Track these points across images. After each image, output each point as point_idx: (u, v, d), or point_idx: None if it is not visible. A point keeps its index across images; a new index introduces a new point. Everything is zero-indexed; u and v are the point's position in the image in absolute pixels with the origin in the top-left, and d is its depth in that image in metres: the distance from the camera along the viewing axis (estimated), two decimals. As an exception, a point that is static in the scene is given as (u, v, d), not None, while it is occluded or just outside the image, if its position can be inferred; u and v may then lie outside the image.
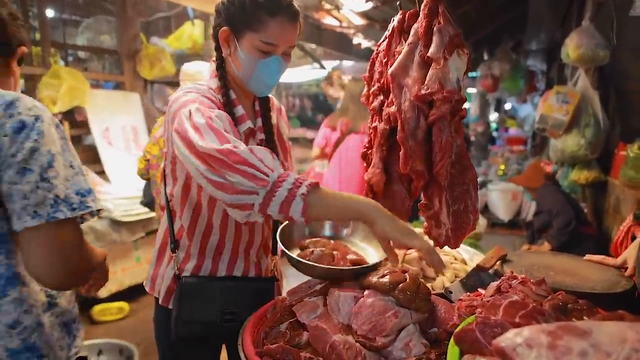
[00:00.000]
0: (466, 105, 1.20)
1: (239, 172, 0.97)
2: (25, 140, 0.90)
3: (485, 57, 8.34)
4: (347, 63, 7.91)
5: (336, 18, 4.85)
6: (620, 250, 1.90)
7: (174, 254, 1.33)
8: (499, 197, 5.69)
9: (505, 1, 5.50)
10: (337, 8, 4.43)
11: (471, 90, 11.12)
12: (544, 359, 0.58)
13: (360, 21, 4.82)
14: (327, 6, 4.37)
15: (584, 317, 0.83)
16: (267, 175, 0.99)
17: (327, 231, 1.39)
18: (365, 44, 6.26)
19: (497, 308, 0.79)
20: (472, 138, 9.28)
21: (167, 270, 1.37)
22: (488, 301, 1.01)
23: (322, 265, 1.12)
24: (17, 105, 0.92)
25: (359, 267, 1.14)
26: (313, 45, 6.24)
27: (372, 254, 1.30)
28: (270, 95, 1.42)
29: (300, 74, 7.87)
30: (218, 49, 1.30)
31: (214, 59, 1.32)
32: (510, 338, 0.62)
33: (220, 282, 1.32)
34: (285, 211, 0.99)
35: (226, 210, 1.06)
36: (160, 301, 1.36)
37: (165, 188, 1.35)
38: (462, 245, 1.77)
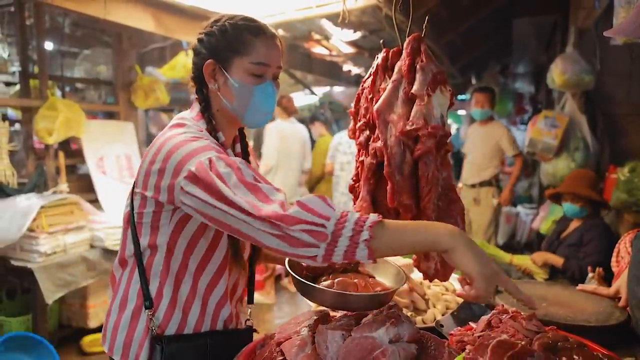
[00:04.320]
0: (456, 126, 1.20)
1: (297, 232, 0.94)
2: None
3: (473, 81, 8.50)
4: (338, 89, 8.05)
5: (326, 47, 4.95)
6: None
7: (149, 311, 1.17)
8: (493, 219, 5.67)
9: (489, 28, 5.65)
10: (327, 38, 4.52)
11: (461, 112, 11.26)
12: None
13: (349, 50, 4.93)
14: (317, 36, 4.47)
15: (574, 357, 0.82)
16: (325, 227, 0.94)
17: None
18: (355, 70, 6.39)
19: (485, 348, 0.79)
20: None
21: (142, 334, 1.19)
22: (479, 337, 1.01)
23: (338, 291, 1.10)
24: None
25: (374, 293, 1.11)
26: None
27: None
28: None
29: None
30: (201, 90, 1.22)
31: (197, 98, 1.23)
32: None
33: (204, 338, 1.21)
34: (351, 258, 0.96)
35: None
36: None
37: (134, 239, 1.19)
38: (453, 275, 1.78)
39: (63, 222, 3.13)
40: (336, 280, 1.16)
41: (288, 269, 1.19)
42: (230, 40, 1.17)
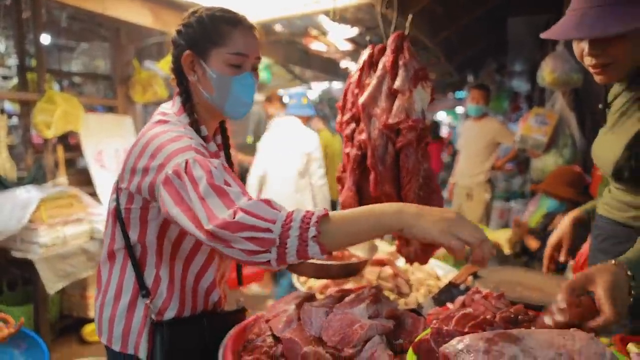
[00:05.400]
0: (454, 124, 1.28)
1: (243, 239, 0.90)
2: None
3: (470, 79, 8.58)
4: (337, 86, 8.11)
5: (323, 43, 5.01)
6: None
7: (146, 300, 1.20)
8: (486, 214, 5.78)
9: (485, 27, 5.70)
10: (324, 34, 4.59)
11: (459, 110, 11.34)
12: (480, 362, 0.66)
13: (346, 46, 4.99)
14: (314, 32, 4.53)
15: (532, 327, 0.91)
16: (270, 231, 0.91)
17: None
18: (353, 67, 6.44)
19: (450, 319, 0.87)
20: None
21: (140, 323, 1.21)
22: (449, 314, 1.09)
23: (319, 262, 1.22)
24: None
25: (347, 262, 1.29)
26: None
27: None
28: None
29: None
30: (181, 82, 1.23)
31: (177, 92, 1.24)
32: (453, 345, 0.70)
33: (200, 320, 1.26)
34: (305, 256, 0.93)
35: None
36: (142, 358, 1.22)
37: (124, 233, 1.21)
38: (437, 262, 1.86)
39: (62, 214, 3.17)
40: None
41: None
42: (208, 31, 1.16)
